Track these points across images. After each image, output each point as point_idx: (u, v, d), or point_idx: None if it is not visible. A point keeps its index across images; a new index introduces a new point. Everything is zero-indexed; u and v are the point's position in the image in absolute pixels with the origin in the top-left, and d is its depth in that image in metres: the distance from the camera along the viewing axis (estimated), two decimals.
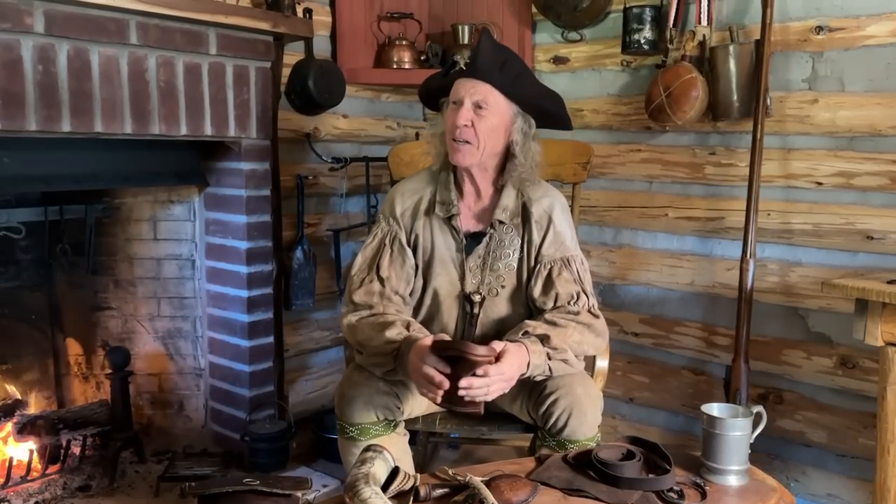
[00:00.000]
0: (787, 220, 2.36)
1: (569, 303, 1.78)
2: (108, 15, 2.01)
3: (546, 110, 1.84)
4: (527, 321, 1.75)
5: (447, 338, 1.68)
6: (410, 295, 1.86)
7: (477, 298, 1.82)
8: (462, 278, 1.83)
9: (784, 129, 2.33)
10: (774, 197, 2.36)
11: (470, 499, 1.37)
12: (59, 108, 1.97)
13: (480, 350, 1.56)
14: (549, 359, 1.68)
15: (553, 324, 1.73)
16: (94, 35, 2.00)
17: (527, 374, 1.67)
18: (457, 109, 1.75)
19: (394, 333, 1.69)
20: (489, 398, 1.60)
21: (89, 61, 2.02)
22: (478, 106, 1.74)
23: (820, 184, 2.29)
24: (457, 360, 1.57)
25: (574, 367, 1.75)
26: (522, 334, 1.70)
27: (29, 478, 2.28)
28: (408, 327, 1.73)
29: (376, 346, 1.71)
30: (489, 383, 1.56)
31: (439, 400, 1.58)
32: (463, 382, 1.54)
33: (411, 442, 1.91)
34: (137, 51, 2.10)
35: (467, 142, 1.75)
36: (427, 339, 1.61)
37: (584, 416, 1.72)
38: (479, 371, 1.55)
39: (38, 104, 1.93)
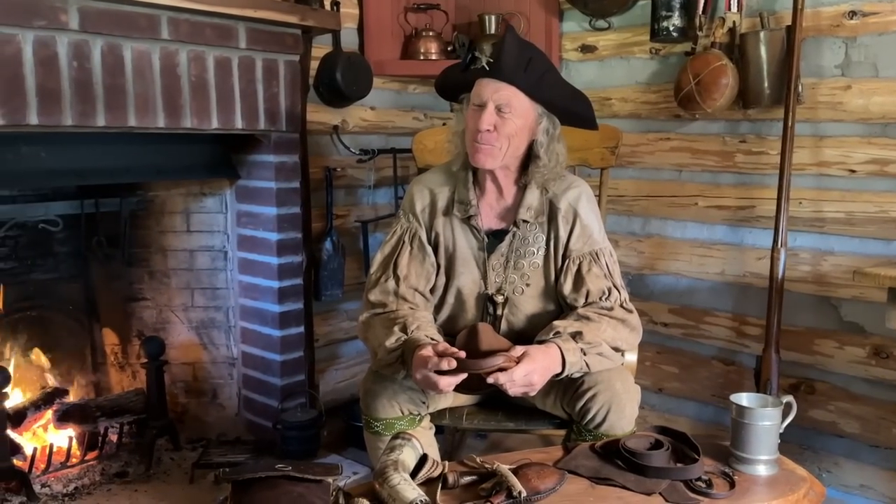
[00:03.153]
0: (819, 208, 2.33)
1: (600, 298, 1.75)
2: (141, 11, 2.05)
3: (574, 112, 1.79)
4: (556, 321, 1.71)
5: (449, 347, 1.59)
6: (432, 292, 1.83)
7: (499, 299, 1.80)
8: (485, 277, 1.80)
9: (816, 116, 2.30)
10: (806, 185, 2.33)
11: (497, 486, 1.38)
12: (94, 103, 2.01)
13: (487, 363, 1.52)
14: (585, 354, 1.65)
15: (586, 319, 1.70)
16: (127, 31, 2.04)
17: (564, 373, 1.64)
18: (479, 112, 1.69)
19: (392, 341, 1.66)
20: (512, 392, 1.58)
21: (122, 57, 2.05)
22: (501, 109, 1.68)
23: (853, 171, 2.25)
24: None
25: (611, 359, 1.70)
26: (554, 334, 1.66)
27: (69, 464, 2.35)
28: (405, 329, 1.68)
29: (381, 357, 1.69)
30: (514, 381, 1.54)
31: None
32: (490, 380, 1.53)
33: (438, 432, 1.91)
34: (169, 46, 2.14)
35: (489, 145, 1.70)
36: (426, 349, 1.56)
37: (623, 412, 1.70)
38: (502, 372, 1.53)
39: (73, 100, 1.97)
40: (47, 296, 2.59)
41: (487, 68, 1.69)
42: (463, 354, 1.52)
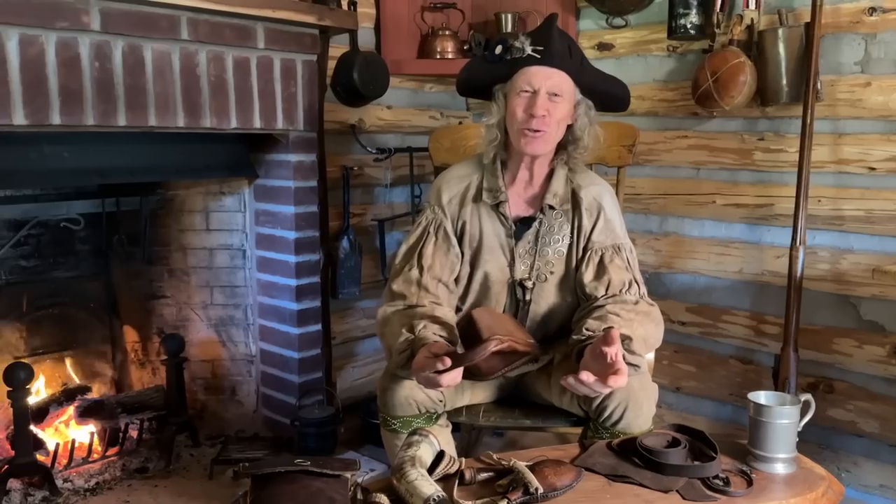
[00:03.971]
0: (839, 206, 2.31)
1: (621, 291, 1.75)
2: (161, 12, 2.07)
3: (613, 94, 1.85)
4: (609, 315, 1.67)
5: (443, 347, 1.59)
6: (456, 282, 1.85)
7: (529, 284, 1.82)
8: (511, 264, 1.83)
9: (835, 113, 2.28)
10: (825, 183, 2.32)
11: (514, 483, 1.39)
12: (115, 103, 2.04)
13: (478, 354, 1.51)
14: (623, 360, 1.60)
15: (616, 316, 1.68)
16: (148, 31, 2.06)
17: None
18: (530, 98, 1.72)
19: (401, 341, 1.67)
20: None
21: (143, 57, 2.08)
22: (553, 94, 1.72)
23: (873, 169, 2.24)
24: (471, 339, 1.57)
25: (641, 370, 1.69)
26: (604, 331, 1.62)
27: (90, 459, 2.38)
28: (412, 329, 1.68)
29: (394, 359, 1.70)
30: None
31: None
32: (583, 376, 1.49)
33: (454, 430, 1.92)
34: (189, 46, 2.16)
35: (543, 130, 1.73)
36: (423, 351, 1.56)
37: (640, 410, 1.70)
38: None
39: (95, 100, 1.99)
40: (69, 293, 2.62)
41: (537, 56, 1.72)
42: (451, 350, 1.52)
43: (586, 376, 1.46)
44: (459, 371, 1.52)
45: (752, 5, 2.33)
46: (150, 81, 2.09)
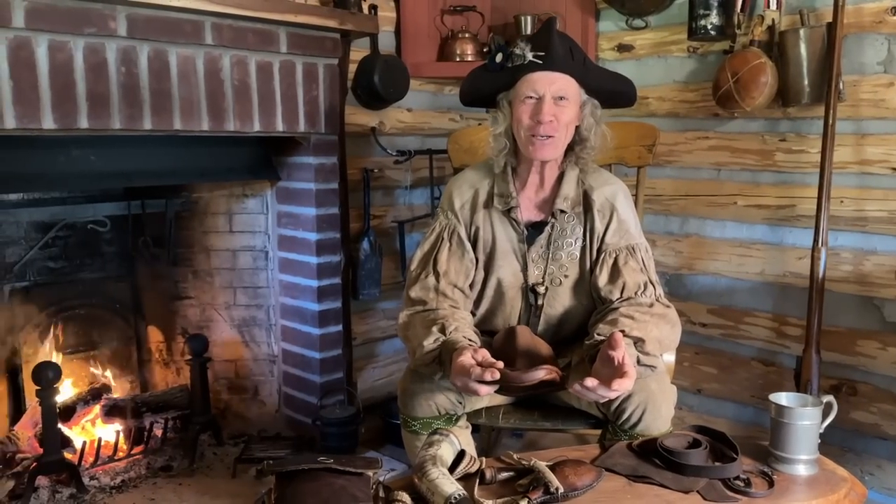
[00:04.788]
0: (862, 207, 2.29)
1: (636, 293, 1.74)
2: (186, 17, 2.10)
3: (618, 91, 1.83)
4: (621, 319, 1.66)
5: (488, 357, 1.56)
6: (471, 287, 1.85)
7: (542, 290, 1.81)
8: (525, 269, 1.82)
9: (858, 113, 2.26)
10: (848, 184, 2.30)
11: (534, 482, 1.39)
12: (141, 107, 2.07)
13: (528, 378, 1.51)
14: (638, 363, 1.61)
15: (630, 318, 1.67)
16: (173, 36, 2.09)
17: None
18: (536, 104, 1.71)
19: (431, 341, 1.67)
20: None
21: (168, 62, 2.11)
22: (559, 97, 1.71)
23: None
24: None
25: (657, 370, 1.69)
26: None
27: (115, 458, 2.42)
28: (444, 330, 1.68)
29: (420, 357, 1.70)
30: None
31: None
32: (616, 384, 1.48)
33: (474, 431, 1.92)
34: (213, 51, 2.19)
35: (551, 136, 1.72)
36: (466, 356, 1.54)
37: (659, 412, 1.69)
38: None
39: (121, 104, 2.03)
40: (95, 294, 2.67)
41: (538, 61, 1.71)
42: (501, 365, 1.51)
43: (591, 382, 1.46)
44: (495, 385, 1.52)
45: (774, 6, 2.32)
46: (174, 86, 2.13)
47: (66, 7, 1.89)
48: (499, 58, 1.77)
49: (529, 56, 1.72)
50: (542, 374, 1.53)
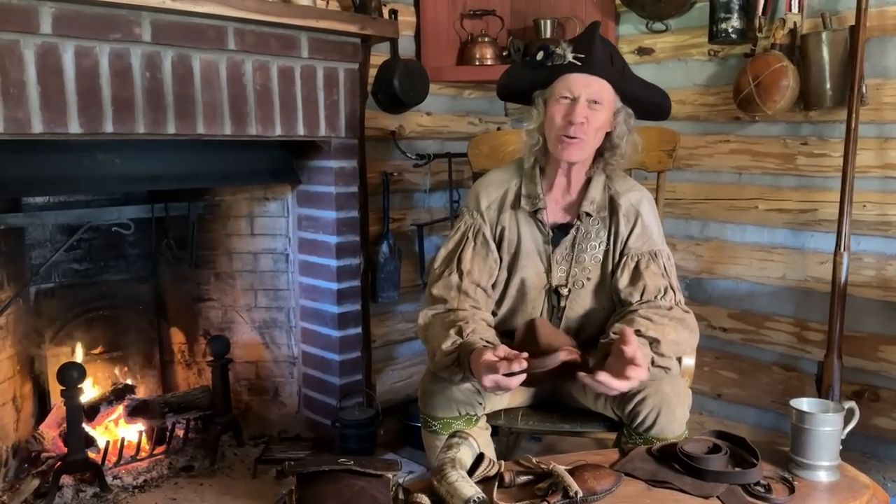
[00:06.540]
0: (885, 211, 2.27)
1: (656, 297, 1.75)
2: (209, 23, 2.13)
3: (653, 103, 1.84)
4: (638, 319, 1.67)
5: (510, 351, 1.56)
6: (493, 287, 1.86)
7: (565, 291, 1.82)
8: (549, 270, 1.83)
9: (881, 117, 2.24)
10: (871, 188, 2.28)
11: (553, 486, 1.39)
12: (165, 111, 2.10)
13: (550, 362, 1.53)
14: (652, 364, 1.63)
15: (648, 320, 1.68)
16: (196, 42, 2.12)
17: None
18: (570, 105, 1.72)
19: (448, 344, 1.67)
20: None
21: (191, 67, 2.14)
22: (593, 101, 1.72)
23: None
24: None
25: (672, 372, 1.70)
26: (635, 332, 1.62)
27: (138, 457, 2.45)
28: (461, 333, 1.68)
29: (438, 360, 1.71)
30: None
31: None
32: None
33: (493, 433, 1.92)
34: (235, 56, 2.22)
35: (580, 138, 1.73)
36: (488, 354, 1.54)
37: (673, 415, 1.69)
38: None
39: (145, 108, 2.06)
40: (119, 296, 2.71)
41: (578, 63, 1.72)
42: (525, 355, 1.53)
43: (603, 376, 1.49)
44: (523, 376, 1.53)
45: (795, 9, 2.31)
46: (198, 90, 2.15)
47: (92, 13, 1.93)
48: (540, 55, 1.78)
49: (570, 57, 1.73)
50: (563, 355, 1.55)
